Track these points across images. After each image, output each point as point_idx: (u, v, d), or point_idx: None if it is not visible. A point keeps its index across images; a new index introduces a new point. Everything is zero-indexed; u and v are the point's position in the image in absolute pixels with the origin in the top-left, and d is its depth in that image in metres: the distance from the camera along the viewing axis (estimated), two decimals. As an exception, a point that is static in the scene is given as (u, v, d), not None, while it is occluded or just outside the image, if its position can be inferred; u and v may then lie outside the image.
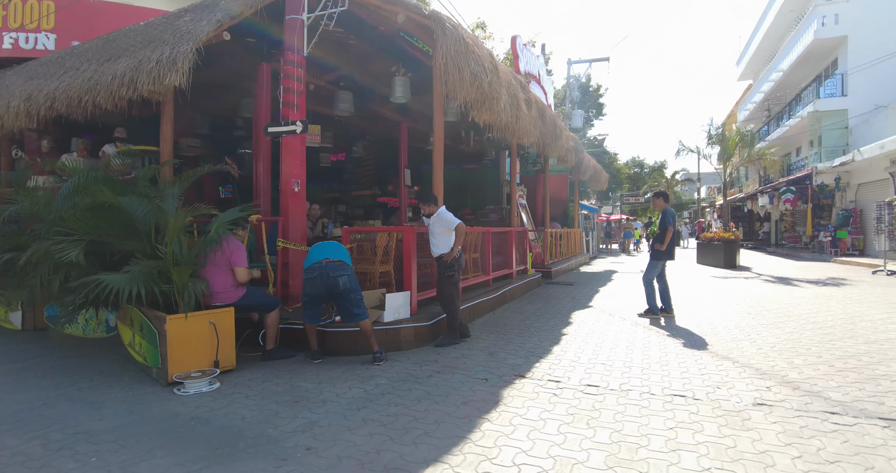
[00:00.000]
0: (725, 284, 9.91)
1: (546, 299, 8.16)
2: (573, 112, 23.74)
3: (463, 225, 4.83)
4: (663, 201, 6.50)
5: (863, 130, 17.84)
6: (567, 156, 9.78)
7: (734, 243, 13.91)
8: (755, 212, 25.52)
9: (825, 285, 9.64)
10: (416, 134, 11.73)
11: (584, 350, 4.69)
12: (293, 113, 5.70)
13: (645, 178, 38.91)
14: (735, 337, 5.19)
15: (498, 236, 8.33)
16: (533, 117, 6.61)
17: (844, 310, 6.73)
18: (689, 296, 8.19)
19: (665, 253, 6.32)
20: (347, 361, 4.43)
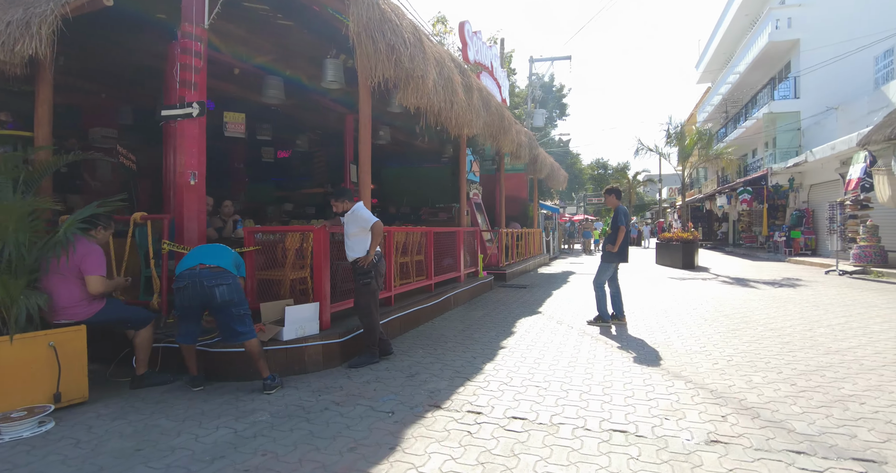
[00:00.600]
0: (683, 286, 9.55)
1: (495, 304, 7.54)
2: (535, 111, 23.39)
3: (380, 224, 4.12)
4: (615, 198, 5.97)
5: (815, 132, 18.10)
6: (520, 152, 9.21)
7: (693, 243, 13.71)
8: (714, 213, 25.82)
9: (781, 286, 9.40)
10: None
11: (519, 368, 4.06)
12: (190, 93, 4.89)
13: (608, 179, 39.19)
14: (690, 348, 4.67)
15: (443, 237, 7.67)
16: (474, 105, 5.97)
17: (802, 315, 6.37)
18: (644, 300, 7.73)
19: (617, 254, 5.79)
20: (235, 389, 3.66)
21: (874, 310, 6.62)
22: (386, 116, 9.17)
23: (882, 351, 4.48)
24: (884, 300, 7.53)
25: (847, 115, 15.87)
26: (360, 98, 5.23)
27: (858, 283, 9.84)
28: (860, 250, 12.14)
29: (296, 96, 8.41)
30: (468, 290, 7.93)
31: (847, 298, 7.77)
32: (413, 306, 5.82)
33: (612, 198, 5.98)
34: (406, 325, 5.60)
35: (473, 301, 7.90)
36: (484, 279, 9.00)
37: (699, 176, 36.07)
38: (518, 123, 8.64)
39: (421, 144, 11.94)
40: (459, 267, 8.01)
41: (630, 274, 11.87)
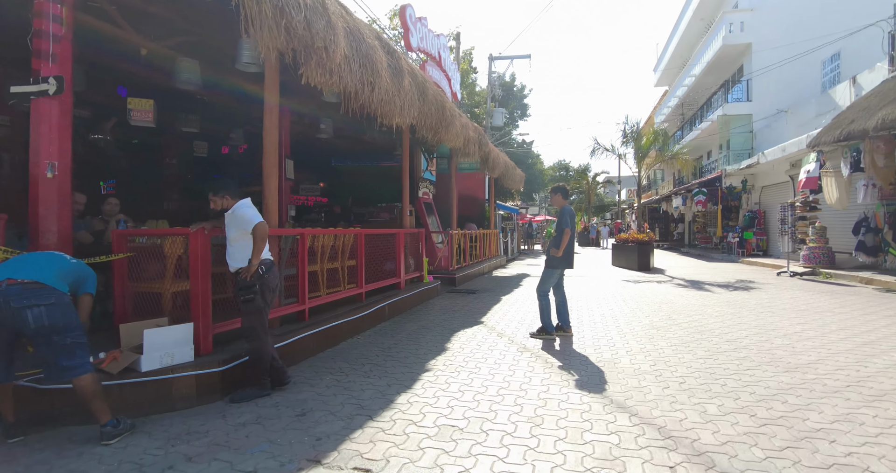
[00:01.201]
0: (637, 290, 9.16)
1: (436, 313, 6.87)
2: (494, 110, 22.94)
3: (265, 226, 3.36)
4: (562, 197, 5.40)
5: (766, 134, 18.35)
6: (468, 148, 8.58)
7: (648, 245, 13.47)
8: (670, 214, 26.07)
9: (735, 289, 9.14)
10: (304, 119, 10.12)
11: (439, 399, 3.39)
12: (47, 66, 4.01)
13: (569, 180, 39.33)
14: (639, 367, 4.12)
15: (379, 239, 6.94)
16: (405, 91, 5.27)
17: (757, 322, 5.99)
18: (595, 306, 7.23)
19: (562, 259, 5.22)
20: (67, 438, 2.83)
21: (828, 316, 6.32)
22: (327, 108, 8.37)
23: (843, 367, 4.06)
24: (835, 304, 7.29)
25: (796, 118, 16.08)
26: (266, 76, 4.47)
27: (809, 285, 9.72)
28: (809, 251, 12.16)
29: (221, 84, 7.52)
30: (409, 298, 7.23)
31: (800, 302, 7.51)
32: (333, 320, 5.06)
33: (559, 197, 5.41)
34: (323, 343, 4.84)
35: (413, 310, 7.21)
36: (429, 284, 8.33)
37: (656, 177, 36.64)
38: (463, 116, 8.01)
39: (372, 140, 11.17)
40: (399, 273, 7.30)
41: (585, 277, 11.47)
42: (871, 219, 10.84)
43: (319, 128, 10.87)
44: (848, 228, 12.71)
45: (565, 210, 5.23)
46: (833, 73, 16.75)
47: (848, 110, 10.83)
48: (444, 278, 9.95)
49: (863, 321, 6.01)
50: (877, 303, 7.36)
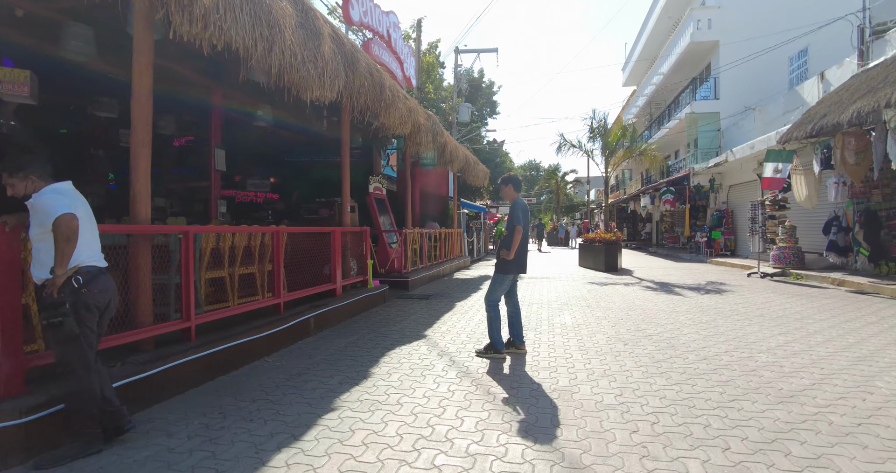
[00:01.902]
0: (603, 294, 8.45)
1: (375, 325, 5.95)
2: (461, 105, 22.13)
3: (70, 219, 2.34)
4: (513, 189, 4.56)
5: (733, 133, 18.12)
6: (419, 138, 7.69)
7: (615, 245, 12.88)
8: (638, 213, 25.82)
9: (707, 292, 8.54)
10: (240, 105, 9.05)
11: (330, 457, 2.48)
12: None
13: (537, 180, 38.93)
14: (601, 399, 3.30)
15: (308, 239, 5.98)
16: (325, 57, 4.33)
17: (735, 332, 5.30)
18: (555, 315, 6.44)
19: (514, 263, 4.38)
20: None
21: (809, 324, 5.69)
22: (263, 94, 7.35)
23: (844, 394, 3.34)
24: (812, 308, 6.72)
25: (764, 116, 15.83)
26: (134, 31, 3.46)
27: (781, 287, 9.22)
28: (779, 251, 11.76)
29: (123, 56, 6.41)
30: (345, 308, 6.28)
31: (776, 307, 6.91)
32: (230, 340, 4.08)
33: (510, 189, 4.56)
34: (215, 369, 3.86)
35: (350, 321, 6.26)
36: (374, 290, 7.39)
37: (625, 177, 36.60)
38: (411, 100, 7.11)
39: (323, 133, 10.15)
40: (335, 278, 6.34)
41: (549, 279, 10.74)
42: (843, 217, 10.47)
43: (256, 115, 9.82)
44: (816, 227, 12.40)
45: (517, 204, 4.39)
46: (801, 69, 16.60)
47: (818, 105, 10.42)
48: (396, 282, 9.03)
49: (847, 329, 5.39)
50: (854, 307, 6.83)
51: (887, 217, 10.08)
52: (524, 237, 4.39)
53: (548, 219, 43.47)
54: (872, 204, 10.24)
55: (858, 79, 9.70)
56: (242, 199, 12.55)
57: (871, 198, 10.28)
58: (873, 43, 10.50)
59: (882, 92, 7.70)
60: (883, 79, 8.25)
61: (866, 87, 8.67)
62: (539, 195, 50.68)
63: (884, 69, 8.83)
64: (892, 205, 10.08)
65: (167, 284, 4.10)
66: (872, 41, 10.48)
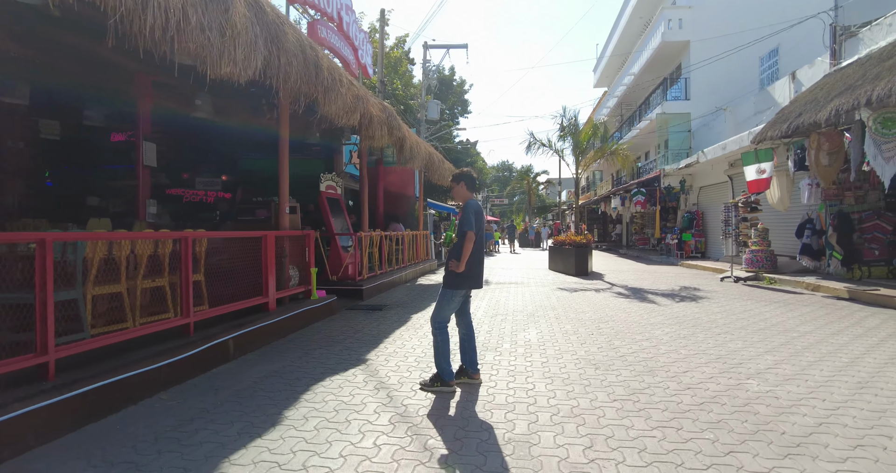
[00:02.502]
0: (573, 303, 7.83)
1: (309, 346, 5.13)
2: (430, 102, 21.39)
3: None
4: (465, 188, 3.83)
5: (704, 133, 17.94)
6: (372, 130, 6.90)
7: (586, 247, 12.35)
8: (608, 215, 25.59)
9: (682, 300, 8.03)
10: (174, 94, 8.11)
11: None
12: None
13: (510, 181, 38.55)
14: (565, 453, 2.60)
15: (233, 245, 5.12)
16: (237, 26, 3.51)
17: (718, 349, 4.72)
18: (519, 330, 5.75)
19: (466, 276, 3.65)
20: None
21: (795, 339, 5.17)
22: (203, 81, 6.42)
23: (859, 438, 2.74)
24: (794, 319, 6.24)
25: (735, 117, 15.63)
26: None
27: (756, 293, 8.81)
28: (752, 255, 11.43)
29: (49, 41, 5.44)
30: (279, 324, 5.44)
31: (755, 317, 6.41)
32: (108, 375, 3.22)
33: (462, 187, 3.83)
34: (81, 416, 3.00)
35: (284, 341, 5.43)
36: (319, 302, 6.57)
37: (595, 178, 36.56)
38: (358, 87, 6.31)
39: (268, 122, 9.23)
40: (266, 290, 5.49)
41: (517, 285, 10.09)
42: (817, 220, 10.17)
43: (194, 104, 8.87)
44: (788, 230, 12.15)
45: (469, 206, 3.66)
46: (771, 69, 16.50)
47: (792, 104, 10.10)
48: (349, 291, 8.22)
49: (836, 345, 4.88)
50: (836, 317, 6.39)
51: (860, 220, 9.83)
52: (478, 244, 3.68)
53: (520, 220, 43.15)
54: (845, 206, 9.98)
55: (833, 78, 9.40)
56: (191, 199, 11.48)
57: (844, 201, 10.02)
58: (846, 42, 10.25)
59: (861, 89, 7.33)
60: (861, 77, 7.90)
61: (843, 85, 8.33)
62: (512, 196, 50.38)
63: (860, 67, 8.51)
64: (864, 207, 9.83)
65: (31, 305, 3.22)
66: (845, 40, 10.23)
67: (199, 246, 4.90)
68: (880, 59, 8.01)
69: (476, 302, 7.82)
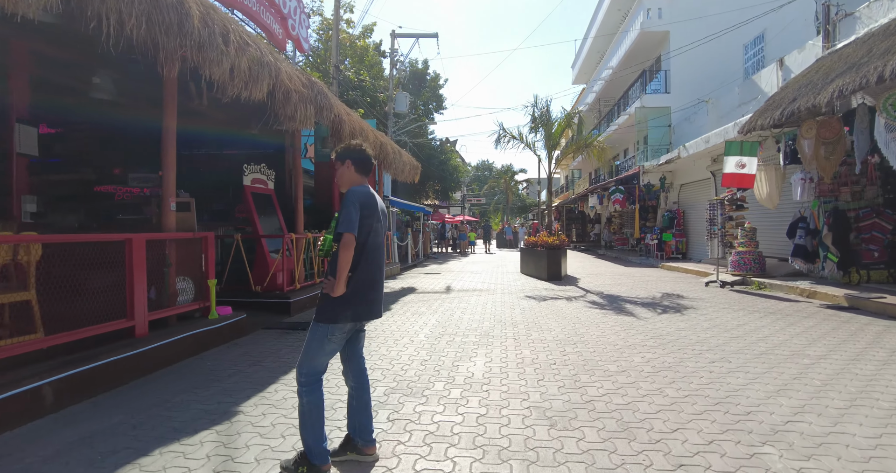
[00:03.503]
0: (539, 316, 6.65)
1: (175, 387, 3.82)
2: (397, 94, 20.10)
3: None
4: (354, 170, 2.57)
5: (685, 128, 17.04)
6: (291, 109, 5.62)
7: (559, 250, 11.22)
8: (586, 214, 24.64)
9: (665, 311, 6.92)
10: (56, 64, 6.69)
11: None
12: None
13: (486, 180, 37.46)
14: None
15: (82, 252, 3.80)
16: None
17: (716, 389, 3.57)
18: (460, 360, 4.52)
19: (348, 301, 2.40)
20: None
21: (810, 370, 4.06)
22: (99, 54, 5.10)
23: None
24: (798, 337, 5.15)
25: (717, 109, 14.72)
26: None
27: (747, 301, 7.77)
28: (739, 257, 10.44)
29: None
30: (146, 355, 4.12)
31: (753, 334, 5.31)
32: None
33: (348, 168, 2.56)
34: None
35: (147, 379, 4.10)
36: (221, 322, 5.25)
37: (574, 177, 35.71)
38: (266, 52, 5.01)
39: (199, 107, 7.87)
40: (132, 310, 4.17)
41: (479, 292, 8.87)
42: (811, 219, 9.20)
43: (92, 82, 7.54)
44: (776, 229, 11.21)
45: (353, 196, 2.40)
46: (757, 57, 15.63)
47: (783, 90, 9.11)
48: (274, 304, 6.90)
49: (864, 378, 3.78)
50: (846, 332, 5.34)
51: (856, 218, 8.88)
52: (373, 254, 2.44)
53: (498, 220, 42.08)
54: (841, 203, 9.03)
55: (829, 60, 8.42)
56: (125, 197, 10.00)
57: (840, 197, 9.07)
58: (841, 22, 9.30)
59: (870, 66, 6.30)
60: (866, 54, 6.90)
61: (844, 65, 7.33)
62: (491, 195, 49.29)
63: (862, 45, 7.53)
64: (861, 204, 8.89)
65: None
66: (840, 20, 9.28)
67: (26, 253, 3.59)
68: (886, 34, 7.02)
69: (423, 318, 6.58)
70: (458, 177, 30.83)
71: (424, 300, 8.32)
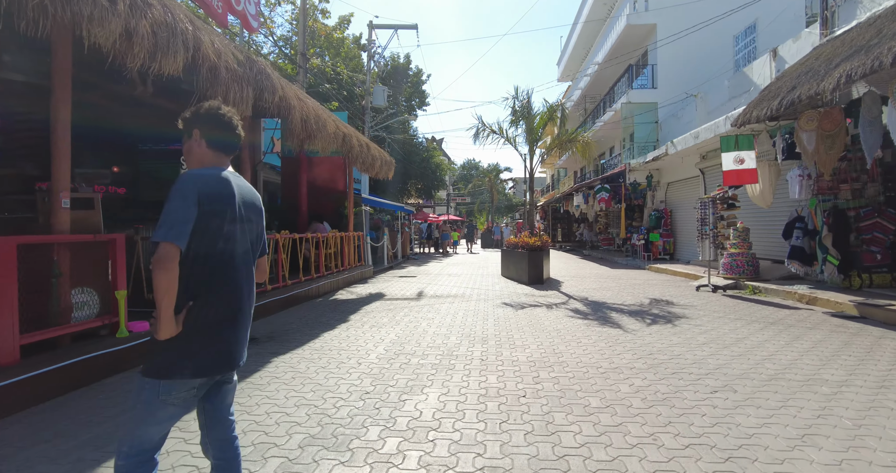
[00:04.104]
0: (514, 329, 5.87)
1: (28, 438, 2.95)
2: (374, 87, 19.22)
3: None
4: (203, 143, 1.73)
5: (672, 125, 16.43)
6: (222, 89, 4.76)
7: (541, 251, 10.48)
8: (572, 213, 24.01)
9: (654, 321, 6.19)
10: None
11: None
12: None
13: (471, 179, 36.72)
14: None
15: None
16: None
17: (724, 436, 2.81)
18: (413, 391, 3.71)
19: (186, 347, 1.57)
20: None
21: (837, 401, 3.33)
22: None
23: None
24: (814, 357, 4.44)
25: (706, 105, 14.12)
26: None
27: (743, 308, 7.09)
28: (731, 259, 9.80)
29: None
30: (9, 389, 3.24)
31: (757, 352, 4.59)
32: None
33: (197, 142, 1.72)
34: None
35: (21, 416, 3.23)
36: (131, 340, 4.37)
37: (560, 176, 35.14)
38: (186, 18, 4.14)
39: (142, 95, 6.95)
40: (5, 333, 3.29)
41: (456, 299, 8.06)
42: (808, 218, 8.56)
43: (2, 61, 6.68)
44: (769, 229, 10.60)
45: (185, 181, 1.58)
46: (748, 49, 15.04)
47: (779, 80, 8.47)
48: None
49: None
50: (863, 349, 4.65)
51: (857, 217, 8.27)
52: (221, 271, 1.62)
53: (483, 220, 41.35)
54: (840, 201, 8.41)
55: (830, 46, 7.78)
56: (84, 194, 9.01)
57: (839, 195, 8.45)
58: (840, 7, 8.68)
59: (883, 46, 5.63)
60: (875, 35, 6.24)
61: (849, 49, 6.67)
62: (477, 194, 48.54)
63: (868, 28, 6.88)
64: (861, 203, 8.27)
65: None
66: (839, 5, 8.66)
67: None
68: (896, 14, 6.37)
69: (382, 332, 5.76)
70: (442, 176, 29.99)
71: (390, 308, 7.49)
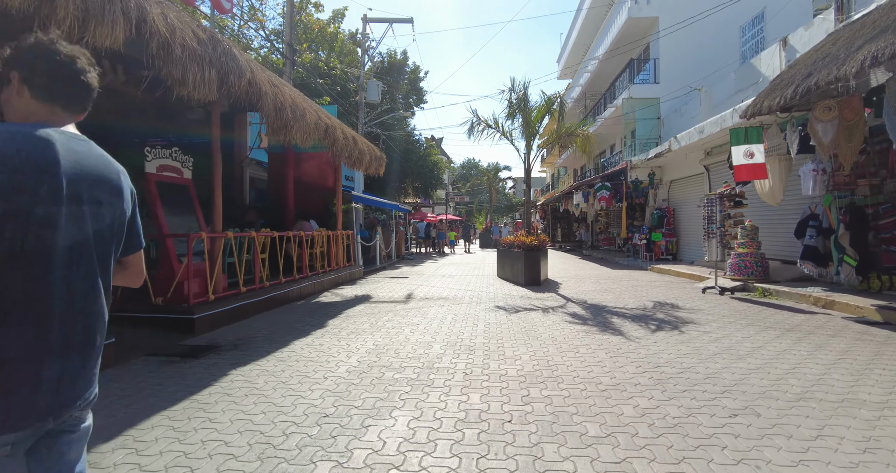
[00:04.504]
0: (505, 337, 5.33)
1: None
2: (368, 82, 18.69)
3: None
4: (24, 93, 1.19)
5: (675, 120, 15.88)
6: (178, 71, 4.22)
7: (538, 252, 9.94)
8: (572, 213, 23.46)
9: (659, 328, 5.65)
10: None
11: None
12: None
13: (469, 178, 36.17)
14: None
15: None
16: None
17: (751, 477, 2.27)
18: (375, 419, 3.17)
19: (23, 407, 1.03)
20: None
21: (887, 432, 2.79)
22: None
23: None
24: (843, 370, 3.90)
25: (711, 99, 13.57)
26: None
27: (755, 312, 6.55)
28: (739, 259, 9.25)
29: None
30: None
31: (777, 364, 4.05)
32: None
33: (17, 89, 1.19)
34: None
35: None
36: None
37: (560, 174, 34.60)
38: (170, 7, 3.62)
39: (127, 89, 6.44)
40: None
41: (446, 302, 7.51)
42: (823, 216, 8.02)
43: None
44: (780, 228, 10.05)
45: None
46: (755, 39, 14.49)
47: (792, 68, 7.92)
48: (173, 321, 5.49)
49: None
50: (893, 358, 4.11)
51: (875, 215, 7.73)
52: (23, 277, 1.09)
53: (482, 219, 40.81)
54: (857, 198, 7.87)
55: (847, 31, 7.23)
56: None
57: (857, 191, 7.91)
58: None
59: (913, 24, 5.08)
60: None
61: (872, 31, 6.13)
62: (476, 193, 48.00)
63: (892, 9, 6.33)
64: (880, 199, 7.73)
65: None
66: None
67: None
68: (924, -8, 5.83)
69: (359, 341, 5.22)
70: (440, 174, 29.44)
71: (374, 312, 6.95)
